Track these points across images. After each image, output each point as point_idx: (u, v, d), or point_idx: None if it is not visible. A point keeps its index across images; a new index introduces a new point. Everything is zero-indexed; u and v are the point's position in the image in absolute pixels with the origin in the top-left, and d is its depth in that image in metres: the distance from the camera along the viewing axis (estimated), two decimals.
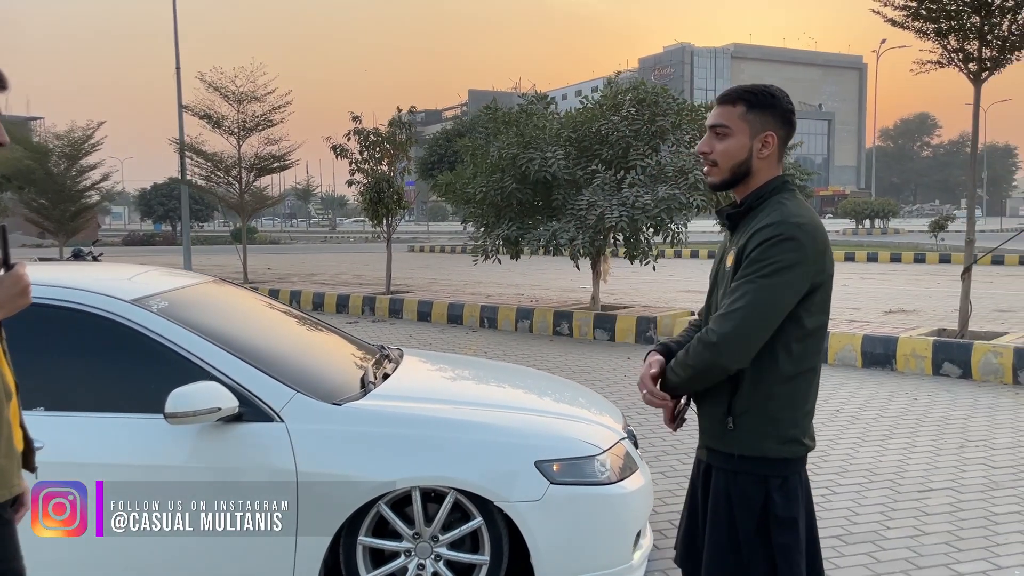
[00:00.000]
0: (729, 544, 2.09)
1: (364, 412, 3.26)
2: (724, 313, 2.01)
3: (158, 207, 56.30)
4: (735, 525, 2.07)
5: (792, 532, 2.06)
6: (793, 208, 2.05)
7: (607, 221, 9.64)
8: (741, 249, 2.06)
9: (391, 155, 13.82)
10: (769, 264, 1.98)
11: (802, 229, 2.00)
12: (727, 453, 2.10)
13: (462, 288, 15.91)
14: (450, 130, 36.27)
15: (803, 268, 1.99)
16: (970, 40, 7.84)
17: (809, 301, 2.03)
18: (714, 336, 2.00)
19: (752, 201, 2.13)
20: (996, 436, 5.84)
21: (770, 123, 2.10)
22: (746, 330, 1.98)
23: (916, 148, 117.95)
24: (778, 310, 1.99)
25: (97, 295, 3.24)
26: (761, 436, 2.05)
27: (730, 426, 2.08)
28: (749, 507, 2.06)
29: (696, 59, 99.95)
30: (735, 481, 2.08)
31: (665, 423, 2.28)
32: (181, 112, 18.22)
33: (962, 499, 4.59)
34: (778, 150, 2.13)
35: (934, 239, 27.96)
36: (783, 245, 1.98)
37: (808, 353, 2.07)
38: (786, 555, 2.04)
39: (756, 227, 2.04)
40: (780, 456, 2.06)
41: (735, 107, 2.11)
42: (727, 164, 2.12)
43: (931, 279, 18.00)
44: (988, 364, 7.70)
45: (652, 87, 11.06)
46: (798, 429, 2.08)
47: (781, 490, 2.06)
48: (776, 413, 2.05)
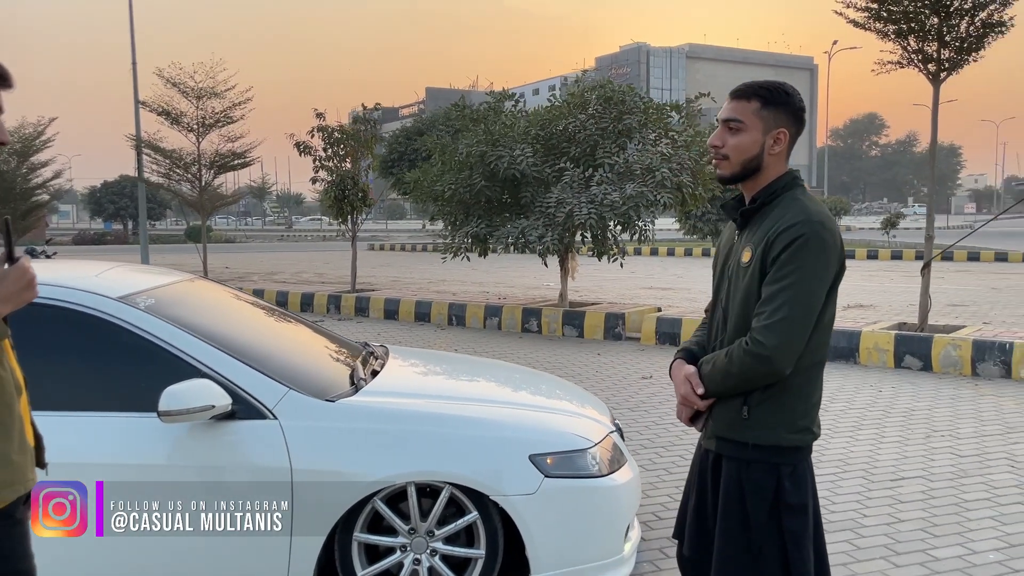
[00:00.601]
0: (742, 531, 2.13)
1: (358, 408, 3.25)
2: (769, 324, 2.03)
3: (109, 205, 55.01)
4: (747, 512, 2.11)
5: (802, 518, 2.11)
6: (812, 207, 2.11)
7: (576, 218, 9.71)
8: (766, 247, 2.08)
9: (355, 152, 13.72)
10: (803, 267, 2.02)
11: (826, 228, 2.07)
12: (741, 442, 2.14)
13: (426, 286, 15.87)
14: (410, 128, 35.95)
15: (831, 266, 2.07)
16: (929, 41, 8.05)
17: (828, 295, 2.09)
18: (766, 349, 2.02)
19: (765, 197, 2.16)
20: (960, 426, 6.02)
21: (783, 120, 2.14)
22: (794, 337, 2.03)
23: (865, 147, 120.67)
24: (816, 310, 2.06)
25: (83, 292, 3.18)
26: (775, 425, 2.10)
27: (745, 415, 2.11)
28: (762, 494, 2.10)
29: (652, 58, 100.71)
30: (748, 469, 2.12)
31: (684, 420, 2.30)
32: (138, 108, 17.87)
33: (933, 487, 4.73)
34: (788, 147, 2.16)
35: (886, 236, 28.66)
36: (812, 246, 2.03)
37: (821, 344, 2.13)
38: (796, 540, 2.10)
39: (780, 226, 2.07)
40: (792, 444, 2.12)
41: (750, 103, 2.14)
42: (739, 158, 2.15)
43: (884, 275, 18.45)
44: (948, 356, 7.93)
45: (619, 86, 11.16)
46: (808, 418, 2.14)
47: (791, 477, 2.11)
48: (790, 403, 2.10)
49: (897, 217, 29.36)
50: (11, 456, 1.82)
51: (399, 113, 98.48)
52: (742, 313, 2.13)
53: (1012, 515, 4.28)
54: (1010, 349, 7.64)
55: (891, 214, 30.20)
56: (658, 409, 6.65)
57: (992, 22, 7.88)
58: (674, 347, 9.65)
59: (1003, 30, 7.92)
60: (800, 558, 2.10)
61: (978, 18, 7.84)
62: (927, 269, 8.54)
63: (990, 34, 7.95)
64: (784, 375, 2.05)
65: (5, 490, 1.80)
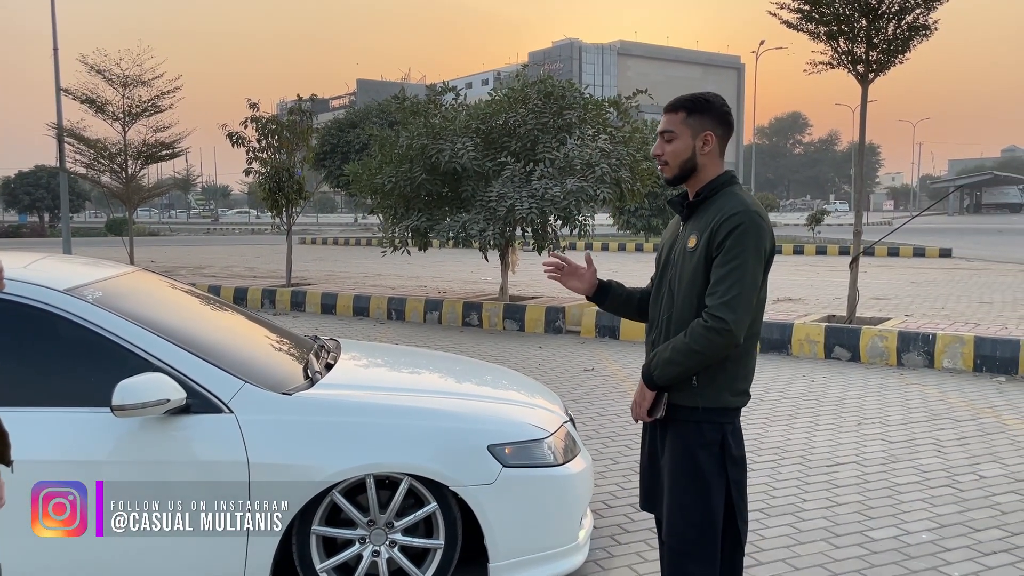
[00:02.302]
0: (694, 484, 2.44)
1: (315, 401, 3.23)
2: (726, 301, 2.31)
3: (24, 196, 52.87)
4: (700, 466, 2.43)
5: (743, 468, 2.51)
6: (748, 199, 2.43)
7: (517, 213, 9.76)
8: (711, 234, 2.38)
9: (290, 144, 13.49)
10: (745, 250, 2.34)
11: (761, 217, 2.39)
12: (691, 407, 2.44)
13: (362, 280, 15.72)
14: (343, 120, 35.54)
15: (766, 246, 2.39)
16: (858, 43, 8.35)
17: (763, 275, 2.42)
18: (727, 324, 2.30)
19: (707, 192, 2.48)
20: (888, 413, 6.29)
21: (708, 124, 2.46)
22: (746, 309, 2.35)
23: (789, 146, 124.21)
24: (758, 286, 2.38)
25: (28, 284, 3.08)
26: (720, 390, 2.43)
27: (694, 384, 2.43)
28: (711, 450, 2.44)
29: (584, 55, 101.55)
30: (699, 430, 2.44)
31: (642, 417, 2.53)
32: (59, 95, 17.19)
33: (867, 472, 4.93)
34: (718, 147, 2.48)
35: (811, 232, 29.54)
36: (751, 232, 2.35)
37: (756, 319, 2.45)
38: (739, 489, 2.49)
39: (723, 216, 2.37)
40: (734, 405, 2.47)
41: (677, 114, 2.48)
42: (676, 162, 2.48)
43: (811, 269, 19.05)
44: (875, 347, 8.26)
45: (559, 81, 11.24)
46: (747, 383, 2.50)
47: (733, 434, 2.49)
48: (732, 371, 2.44)
49: (822, 214, 30.28)
50: None
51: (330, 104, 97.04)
52: (689, 292, 2.42)
53: (941, 497, 4.49)
54: (933, 340, 8.00)
55: (816, 211, 31.15)
56: (602, 400, 6.75)
57: (917, 25, 8.22)
58: (614, 340, 9.81)
59: (927, 33, 8.28)
60: (743, 503, 2.50)
61: (904, 21, 8.17)
62: (855, 263, 8.86)
63: (915, 37, 8.29)
64: (739, 344, 2.35)
65: None
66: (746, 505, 2.53)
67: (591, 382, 7.50)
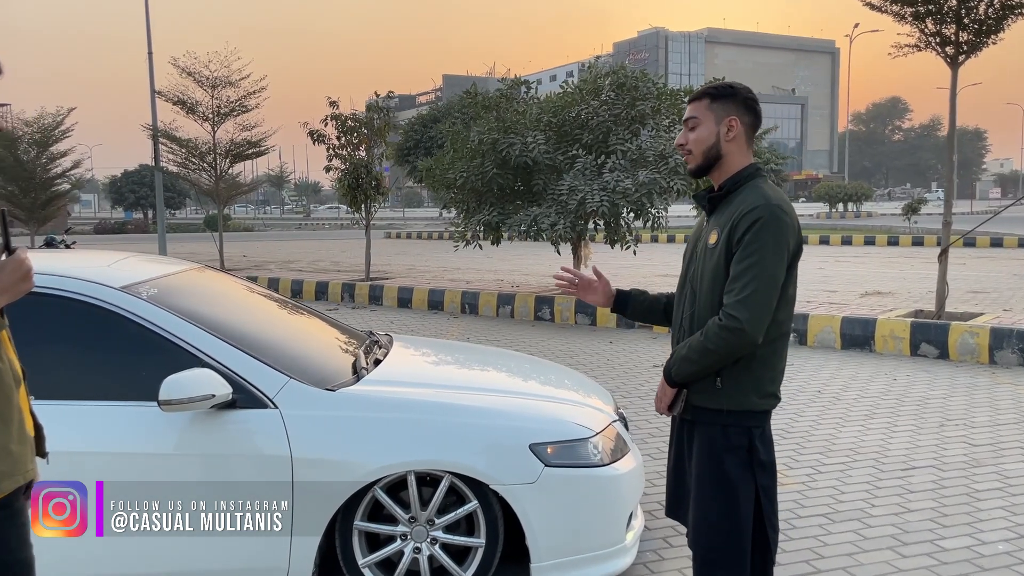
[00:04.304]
0: (720, 490, 2.34)
1: (358, 397, 3.26)
2: (741, 299, 2.22)
3: (129, 194, 55.53)
4: (726, 471, 2.33)
5: (772, 474, 2.39)
6: (771, 192, 2.31)
7: (588, 206, 9.66)
8: (731, 229, 2.28)
9: (368, 140, 13.72)
10: (764, 245, 2.23)
11: (783, 211, 2.27)
12: (715, 409, 2.34)
13: (441, 274, 15.87)
14: (426, 115, 36.00)
15: (789, 243, 2.27)
16: (947, 23, 7.91)
17: (789, 272, 2.30)
18: (740, 323, 2.21)
19: (730, 185, 2.37)
20: (974, 415, 5.95)
21: (732, 109, 2.37)
22: (764, 308, 2.24)
23: (888, 132, 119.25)
24: (779, 282, 2.26)
25: (86, 282, 3.20)
26: (746, 392, 2.32)
27: (718, 385, 2.33)
28: (738, 454, 2.33)
29: (670, 43, 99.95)
30: (724, 433, 2.34)
31: (663, 411, 2.51)
32: (154, 98, 17.94)
33: (944, 477, 4.67)
34: (745, 135, 2.39)
35: (907, 222, 28.30)
36: (771, 226, 2.23)
37: (785, 318, 2.35)
38: (768, 495, 2.36)
39: (743, 210, 2.27)
40: (761, 409, 2.35)
41: (701, 101, 2.40)
42: (699, 149, 2.39)
43: (905, 261, 18.23)
44: (965, 344, 7.83)
45: (632, 72, 11.07)
46: (775, 385, 2.38)
47: (762, 438, 2.37)
48: (758, 372, 2.32)
49: (918, 203, 28.89)
50: (10, 447, 1.84)
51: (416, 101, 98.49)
52: (711, 289, 2.33)
53: (1023, 505, 4.22)
54: None
55: (913, 200, 29.78)
56: None
57: (1012, 3, 7.72)
58: None
59: (1023, 11, 7.77)
60: (773, 511, 2.38)
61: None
62: (944, 255, 8.42)
63: (1010, 15, 7.79)
64: (757, 344, 2.25)
65: (5, 481, 1.82)
66: (776, 512, 2.42)
67: (659, 378, 7.34)
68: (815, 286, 12.91)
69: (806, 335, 8.85)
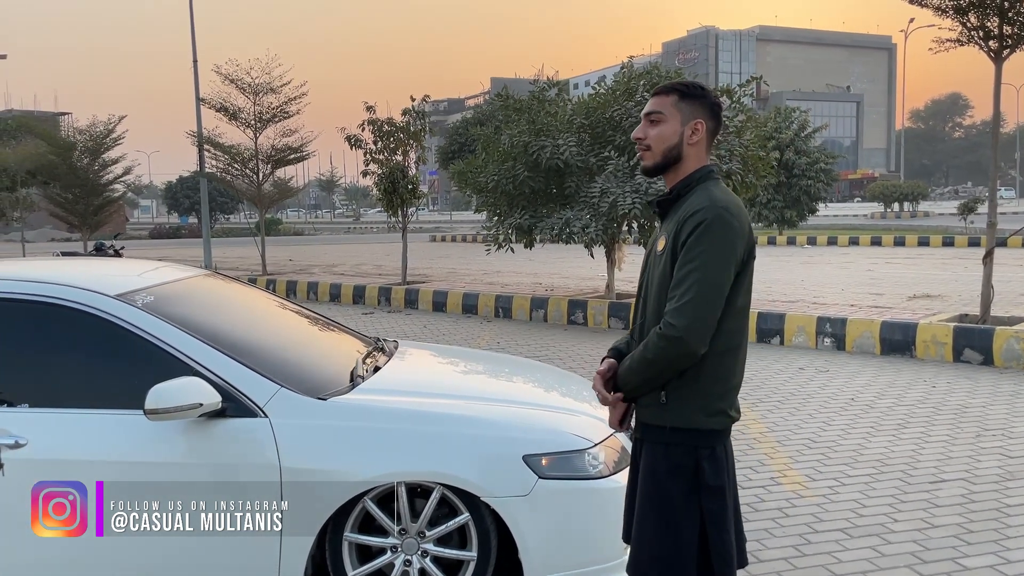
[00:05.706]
0: (660, 510, 2.20)
1: (349, 406, 3.22)
2: (679, 306, 2.09)
3: (184, 200, 56.86)
4: (667, 494, 2.19)
5: (720, 499, 2.19)
6: (719, 194, 2.20)
7: (620, 208, 9.52)
8: (676, 234, 2.17)
9: (405, 145, 13.77)
10: (707, 249, 2.10)
11: (730, 212, 2.14)
12: (660, 427, 2.22)
13: (480, 278, 15.85)
14: (470, 118, 36.14)
15: (735, 246, 2.14)
16: (990, 17, 7.61)
17: (738, 280, 2.16)
18: (677, 331, 2.08)
19: (681, 188, 2.26)
20: (1015, 424, 5.69)
21: (699, 112, 2.26)
22: (703, 315, 2.09)
23: (948, 129, 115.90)
24: (723, 289, 2.12)
25: (82, 291, 3.21)
26: (692, 409, 2.18)
27: (663, 400, 2.20)
28: (681, 476, 2.18)
29: (721, 42, 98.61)
30: (667, 453, 2.20)
31: (612, 425, 2.39)
32: (199, 105, 18.29)
33: (974, 490, 4.46)
34: (706, 140, 2.28)
35: (963, 222, 27.43)
36: (715, 229, 2.11)
37: (736, 330, 2.20)
38: (716, 521, 2.17)
39: (687, 213, 2.16)
40: (709, 427, 2.20)
41: (668, 96, 2.28)
42: (660, 148, 2.26)
43: (959, 263, 17.62)
44: (1011, 350, 7.51)
45: (666, 71, 10.91)
46: (725, 402, 2.21)
47: (710, 460, 2.19)
48: (706, 387, 2.18)
49: (975, 202, 28.00)
50: None
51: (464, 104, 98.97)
52: (659, 298, 2.21)
53: None
54: None
55: (969, 199, 28.85)
56: None
57: None
58: None
59: None
60: (721, 540, 2.17)
61: None
62: (989, 257, 8.10)
63: None
64: (698, 355, 2.11)
65: None
66: (730, 542, 2.19)
67: None
68: (862, 288, 12.56)
69: (844, 340, 8.59)
